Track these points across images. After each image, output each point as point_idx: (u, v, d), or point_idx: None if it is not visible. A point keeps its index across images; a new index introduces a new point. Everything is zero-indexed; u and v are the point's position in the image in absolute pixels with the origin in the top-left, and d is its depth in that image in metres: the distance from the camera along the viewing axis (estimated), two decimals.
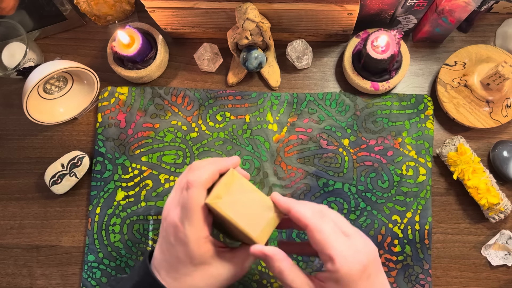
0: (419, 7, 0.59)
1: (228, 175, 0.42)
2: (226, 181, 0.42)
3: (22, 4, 0.65)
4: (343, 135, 0.64)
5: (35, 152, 0.68)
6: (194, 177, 0.41)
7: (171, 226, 0.42)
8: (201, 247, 0.41)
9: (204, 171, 0.42)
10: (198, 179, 0.41)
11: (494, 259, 0.60)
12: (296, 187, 0.63)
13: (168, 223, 0.42)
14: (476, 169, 0.60)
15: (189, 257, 0.41)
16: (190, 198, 0.40)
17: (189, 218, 0.40)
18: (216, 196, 0.41)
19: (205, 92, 0.67)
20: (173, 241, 0.41)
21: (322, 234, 0.39)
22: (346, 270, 0.37)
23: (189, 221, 0.40)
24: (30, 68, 0.65)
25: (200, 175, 0.41)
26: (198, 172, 0.42)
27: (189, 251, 0.41)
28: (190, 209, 0.40)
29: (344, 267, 0.37)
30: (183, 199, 0.41)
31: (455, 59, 0.64)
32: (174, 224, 0.41)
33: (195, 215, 0.40)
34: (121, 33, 0.62)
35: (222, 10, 0.59)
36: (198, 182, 0.41)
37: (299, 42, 0.65)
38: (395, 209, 0.62)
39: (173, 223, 0.41)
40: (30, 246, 0.65)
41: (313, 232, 0.39)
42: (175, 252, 0.41)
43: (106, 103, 0.68)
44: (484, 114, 0.62)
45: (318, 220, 0.39)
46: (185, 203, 0.41)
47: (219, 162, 0.43)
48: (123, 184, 0.65)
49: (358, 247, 0.39)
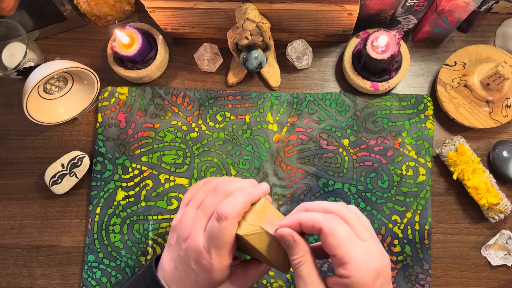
0: (419, 7, 0.59)
1: (260, 205, 0.41)
2: (258, 210, 0.41)
3: (22, 4, 0.65)
4: (343, 135, 0.64)
5: (35, 152, 0.68)
6: (227, 209, 0.39)
7: (194, 251, 0.40)
8: (223, 274, 0.41)
9: (237, 204, 0.40)
10: (231, 212, 0.39)
11: (494, 259, 0.60)
12: (296, 187, 0.63)
13: (190, 247, 0.41)
14: (476, 169, 0.60)
15: (209, 282, 0.41)
16: (223, 231, 0.39)
17: (218, 250, 0.39)
18: (249, 228, 0.40)
19: (205, 92, 0.67)
20: (193, 265, 0.41)
21: (335, 238, 0.37)
22: (360, 276, 0.36)
23: (217, 253, 0.39)
24: (30, 68, 0.65)
25: (234, 208, 0.39)
26: (230, 203, 0.40)
27: (210, 277, 0.40)
28: (221, 242, 0.39)
29: (358, 273, 0.36)
30: (213, 229, 0.39)
31: (455, 59, 0.64)
32: (198, 250, 0.40)
33: (224, 246, 0.39)
34: (121, 33, 0.62)
35: (222, 10, 0.59)
36: (231, 215, 0.39)
37: (299, 42, 0.65)
38: (395, 209, 0.62)
39: (197, 249, 0.40)
40: (30, 246, 0.65)
41: (326, 236, 0.37)
42: (193, 276, 0.41)
43: (106, 103, 0.68)
44: (484, 114, 0.62)
45: (332, 223, 0.38)
46: (216, 235, 0.39)
47: (250, 191, 0.41)
48: (123, 184, 0.65)
49: (372, 253, 0.37)
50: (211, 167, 0.65)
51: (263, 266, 0.45)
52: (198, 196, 0.43)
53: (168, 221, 0.64)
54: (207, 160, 0.65)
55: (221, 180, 0.44)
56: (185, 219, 0.42)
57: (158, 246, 0.63)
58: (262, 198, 0.42)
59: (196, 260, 0.40)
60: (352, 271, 0.36)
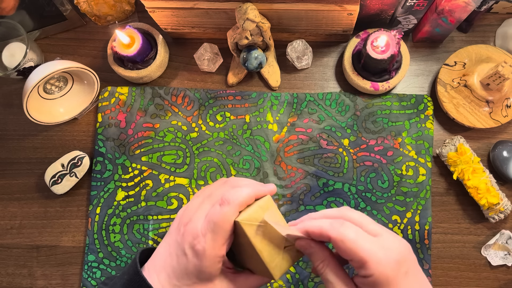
0: (419, 7, 0.59)
1: (265, 201, 0.41)
2: (262, 205, 0.41)
3: (22, 4, 0.65)
4: (343, 135, 0.64)
5: (35, 152, 0.68)
6: (231, 195, 0.40)
7: (191, 234, 0.40)
8: (214, 265, 0.40)
9: (242, 192, 0.40)
10: (235, 199, 0.40)
11: (494, 259, 0.60)
12: (296, 187, 0.63)
13: (188, 231, 0.41)
14: (476, 169, 0.60)
15: (198, 271, 0.40)
16: (222, 214, 0.39)
17: (214, 234, 0.39)
18: (250, 218, 0.40)
19: (205, 92, 0.67)
20: (187, 250, 0.40)
21: (346, 243, 0.37)
22: (381, 271, 0.36)
23: (213, 237, 0.39)
24: (30, 68, 0.65)
25: (238, 196, 0.40)
26: (235, 191, 0.40)
27: (201, 265, 0.40)
28: (218, 225, 0.39)
29: (378, 269, 0.36)
30: (214, 213, 0.40)
31: (455, 59, 0.64)
32: (195, 234, 0.40)
33: (221, 232, 0.39)
34: (121, 33, 0.62)
35: (222, 10, 0.59)
36: (234, 202, 0.39)
37: (299, 42, 0.65)
38: (395, 209, 0.62)
39: (194, 233, 0.40)
40: (30, 246, 0.66)
41: (337, 243, 0.37)
42: (184, 262, 0.41)
43: (106, 103, 0.68)
44: (484, 114, 0.62)
45: (339, 229, 0.37)
46: (215, 218, 0.39)
47: (258, 187, 0.42)
48: (123, 184, 0.65)
49: (388, 245, 0.37)
50: (211, 167, 0.65)
51: (254, 278, 0.44)
52: (208, 188, 0.44)
53: (168, 221, 0.64)
54: (207, 160, 0.65)
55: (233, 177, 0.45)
56: (190, 205, 0.43)
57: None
58: (268, 195, 0.42)
59: (191, 244, 0.40)
60: (372, 270, 0.36)
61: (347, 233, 0.37)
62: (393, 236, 0.38)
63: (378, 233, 0.38)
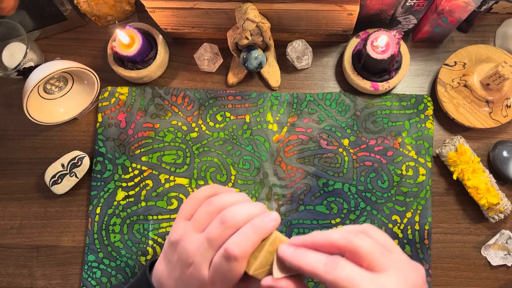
0: (419, 7, 0.59)
1: (271, 242, 0.38)
2: (269, 250, 0.38)
3: (22, 4, 0.65)
4: (343, 135, 0.64)
5: (35, 152, 0.68)
6: (237, 249, 0.36)
7: (198, 281, 0.38)
8: None
9: (248, 244, 0.37)
10: (243, 254, 0.36)
11: (494, 259, 0.60)
12: (296, 187, 0.63)
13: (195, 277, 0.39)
14: (476, 169, 0.60)
15: None
16: (231, 271, 0.37)
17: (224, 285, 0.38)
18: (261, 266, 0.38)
19: (205, 92, 0.67)
20: None
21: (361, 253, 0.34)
22: None
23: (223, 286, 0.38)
24: (30, 68, 0.65)
25: (245, 249, 0.36)
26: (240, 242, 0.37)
27: None
28: (229, 280, 0.37)
29: None
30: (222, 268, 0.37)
31: (455, 59, 0.64)
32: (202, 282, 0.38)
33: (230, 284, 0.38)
34: (121, 33, 0.62)
35: (222, 10, 0.59)
36: (242, 256, 0.36)
37: (299, 42, 0.65)
38: (395, 209, 0.62)
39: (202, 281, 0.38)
40: (30, 246, 0.66)
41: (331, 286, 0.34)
42: None
43: (106, 103, 0.68)
44: (484, 114, 0.62)
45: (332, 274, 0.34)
46: (224, 274, 0.37)
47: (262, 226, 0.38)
48: (123, 184, 0.65)
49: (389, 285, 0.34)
50: (211, 167, 0.65)
51: None
52: (201, 218, 0.40)
53: (168, 221, 0.64)
54: (207, 160, 0.65)
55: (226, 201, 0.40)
56: (188, 243, 0.40)
57: (158, 246, 0.63)
58: (274, 233, 0.38)
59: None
60: None
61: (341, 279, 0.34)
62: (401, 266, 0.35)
63: (384, 269, 0.34)
